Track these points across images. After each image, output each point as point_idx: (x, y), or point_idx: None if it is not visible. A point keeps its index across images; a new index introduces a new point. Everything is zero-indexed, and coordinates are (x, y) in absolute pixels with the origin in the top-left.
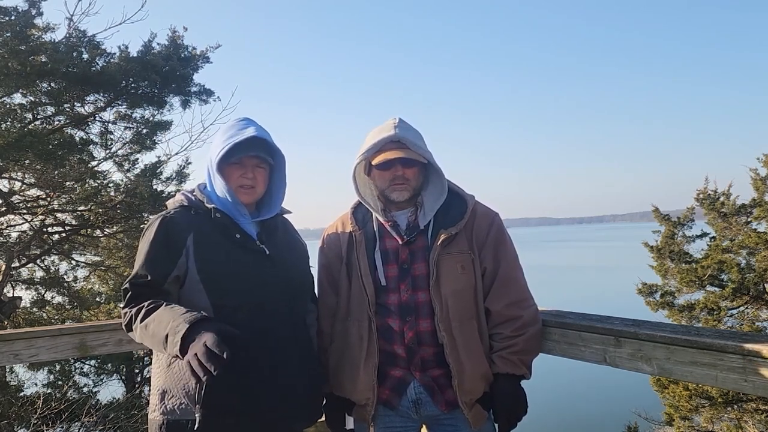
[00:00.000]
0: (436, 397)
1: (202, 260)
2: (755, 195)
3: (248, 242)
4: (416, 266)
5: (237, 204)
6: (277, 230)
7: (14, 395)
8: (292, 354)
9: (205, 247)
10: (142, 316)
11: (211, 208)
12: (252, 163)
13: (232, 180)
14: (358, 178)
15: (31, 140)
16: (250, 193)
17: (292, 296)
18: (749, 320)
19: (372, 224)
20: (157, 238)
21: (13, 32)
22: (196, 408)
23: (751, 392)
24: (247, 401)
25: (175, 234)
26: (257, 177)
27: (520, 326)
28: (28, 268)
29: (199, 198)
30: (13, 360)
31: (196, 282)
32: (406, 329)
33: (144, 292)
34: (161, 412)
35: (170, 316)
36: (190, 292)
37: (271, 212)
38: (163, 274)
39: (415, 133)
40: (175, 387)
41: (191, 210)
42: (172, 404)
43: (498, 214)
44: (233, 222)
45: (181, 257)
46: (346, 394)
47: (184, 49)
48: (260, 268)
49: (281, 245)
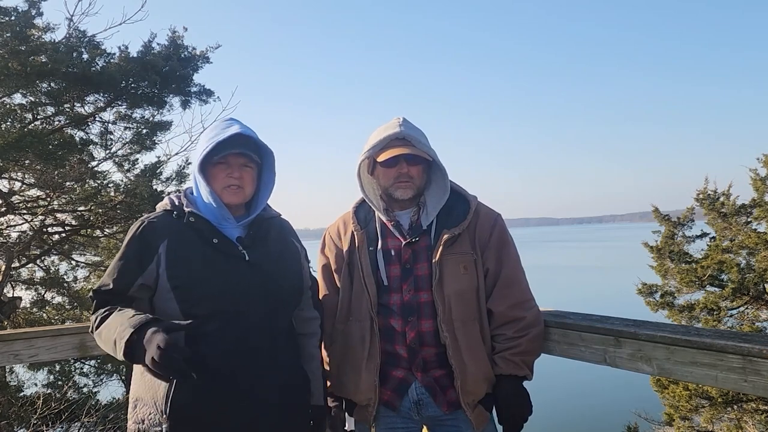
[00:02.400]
0: (437, 397)
1: (173, 267)
2: (755, 195)
3: (227, 247)
4: (419, 266)
5: (221, 207)
6: (269, 234)
7: (14, 395)
8: (268, 365)
9: (179, 253)
10: (97, 324)
11: (187, 212)
12: (238, 162)
13: (218, 181)
14: (362, 177)
15: (31, 140)
16: (238, 193)
17: (273, 304)
18: (749, 320)
19: (374, 224)
20: (128, 245)
21: (13, 32)
22: (163, 419)
23: (751, 392)
24: (217, 413)
25: (148, 240)
26: (244, 177)
27: (523, 327)
28: (28, 268)
29: (181, 201)
30: (13, 360)
31: (167, 290)
32: (408, 330)
33: (108, 299)
34: (133, 420)
35: (119, 321)
36: (161, 299)
37: (254, 212)
38: (126, 282)
39: (420, 132)
40: (146, 395)
41: (173, 214)
42: (142, 413)
43: (500, 215)
44: (211, 226)
45: (150, 264)
46: (347, 394)
47: (184, 50)
48: (238, 274)
49: (271, 250)
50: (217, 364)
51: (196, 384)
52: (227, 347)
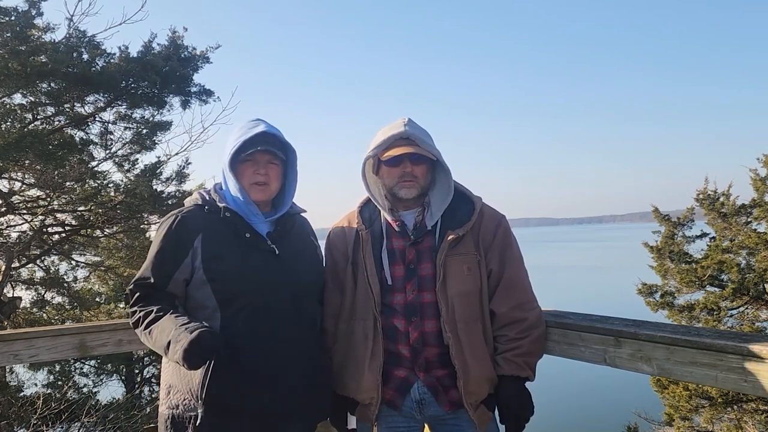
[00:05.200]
0: (439, 397)
1: (208, 259)
2: (755, 195)
3: (258, 242)
4: (422, 266)
5: (249, 203)
6: (293, 230)
7: (14, 395)
8: (296, 355)
9: (214, 246)
10: (148, 321)
11: (222, 207)
12: (264, 159)
13: (245, 178)
14: (367, 176)
15: (31, 140)
16: (264, 190)
17: (301, 297)
18: (749, 320)
19: (379, 223)
20: (165, 239)
21: (13, 32)
22: (199, 404)
23: (751, 392)
24: (248, 400)
25: (183, 235)
26: (270, 173)
27: (525, 328)
28: (28, 268)
29: (212, 197)
30: (13, 360)
31: (203, 281)
32: (411, 329)
33: (149, 293)
34: (167, 406)
35: (173, 325)
36: (197, 290)
37: (282, 209)
38: (166, 275)
39: (424, 132)
40: (180, 383)
41: (204, 208)
42: (176, 399)
43: (504, 217)
44: (243, 221)
45: (186, 258)
46: (350, 393)
47: (184, 50)
48: (269, 268)
49: (294, 245)
50: (248, 354)
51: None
52: (258, 338)
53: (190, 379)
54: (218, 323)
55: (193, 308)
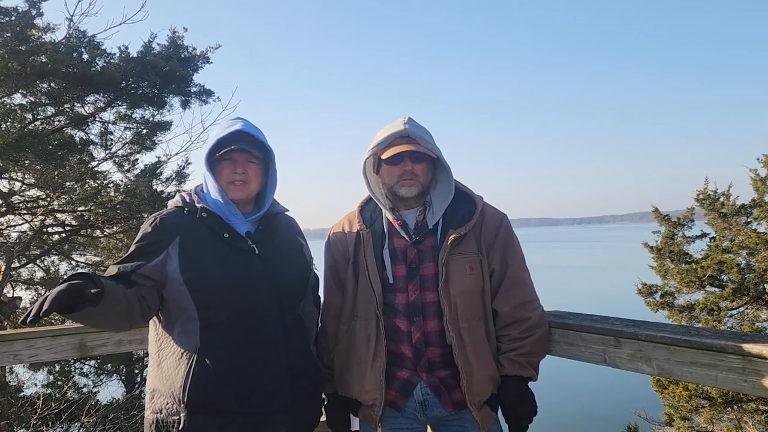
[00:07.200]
0: (442, 398)
1: (186, 260)
2: (755, 195)
3: (237, 241)
4: (424, 266)
5: (228, 203)
6: (277, 229)
7: (14, 395)
8: (280, 355)
9: (192, 247)
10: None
11: (199, 207)
12: (242, 157)
13: (223, 177)
14: (368, 176)
15: (31, 140)
16: (242, 188)
17: (282, 296)
18: (749, 320)
19: (380, 223)
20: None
21: (13, 32)
22: (181, 408)
23: (751, 392)
24: (230, 403)
25: (158, 235)
26: (249, 172)
27: (528, 328)
28: (28, 268)
29: (192, 198)
30: (12, 360)
31: (180, 283)
32: (413, 329)
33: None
34: (151, 410)
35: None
36: (175, 292)
37: (263, 207)
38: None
39: (425, 130)
40: (162, 386)
41: (184, 210)
42: (160, 403)
43: (506, 216)
44: (221, 221)
45: (157, 258)
46: (352, 394)
47: (184, 50)
48: (248, 267)
49: (278, 245)
50: (230, 355)
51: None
52: (239, 338)
53: (172, 383)
54: (198, 324)
55: (174, 311)
